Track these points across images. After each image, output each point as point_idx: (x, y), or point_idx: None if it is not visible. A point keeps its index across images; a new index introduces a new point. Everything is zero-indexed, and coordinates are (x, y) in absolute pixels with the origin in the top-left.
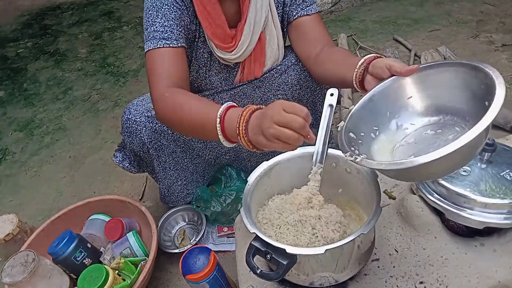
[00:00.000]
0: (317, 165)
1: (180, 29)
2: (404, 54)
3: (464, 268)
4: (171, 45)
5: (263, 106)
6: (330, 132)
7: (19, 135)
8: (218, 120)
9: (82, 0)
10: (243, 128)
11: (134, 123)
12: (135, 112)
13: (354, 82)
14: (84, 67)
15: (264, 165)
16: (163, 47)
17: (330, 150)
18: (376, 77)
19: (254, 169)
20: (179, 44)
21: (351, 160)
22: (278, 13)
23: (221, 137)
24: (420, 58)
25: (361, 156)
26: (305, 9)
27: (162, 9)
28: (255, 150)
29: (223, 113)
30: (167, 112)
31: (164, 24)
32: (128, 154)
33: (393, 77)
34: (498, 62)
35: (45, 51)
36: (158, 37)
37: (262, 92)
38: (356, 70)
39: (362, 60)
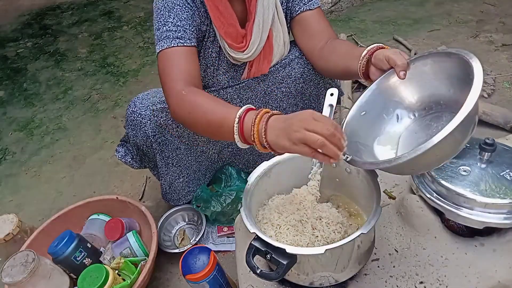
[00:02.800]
0: (317, 165)
1: (192, 29)
2: None
3: (464, 268)
4: (185, 44)
5: (281, 112)
6: None
7: (19, 135)
8: (237, 120)
9: (82, 0)
10: (263, 129)
11: (139, 116)
12: (140, 105)
13: (359, 74)
14: (84, 67)
15: (264, 165)
16: (177, 46)
17: None
18: (378, 68)
19: (254, 164)
20: (192, 44)
21: (344, 159)
22: (282, 9)
23: (236, 137)
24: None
25: (351, 156)
26: (307, 4)
27: (174, 9)
28: (269, 152)
29: (242, 115)
30: (185, 111)
31: (177, 23)
32: (130, 148)
33: (384, 75)
34: (498, 62)
35: (45, 51)
36: (171, 37)
37: (266, 86)
38: (359, 62)
39: (365, 51)
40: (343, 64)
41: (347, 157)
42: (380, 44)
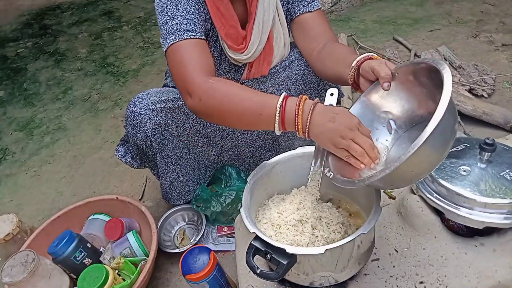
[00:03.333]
0: (317, 165)
1: (200, 23)
2: (404, 54)
3: (464, 268)
4: (197, 37)
5: (319, 100)
6: None
7: (19, 135)
8: (278, 110)
9: (82, 0)
10: (308, 121)
11: (139, 115)
12: (140, 105)
13: (350, 83)
14: (84, 67)
15: (264, 165)
16: (190, 38)
17: None
18: (366, 79)
19: (254, 165)
20: (203, 36)
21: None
22: (283, 10)
23: (277, 126)
24: (420, 58)
25: (332, 173)
26: (307, 6)
27: (182, 3)
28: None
29: (283, 103)
30: (216, 100)
31: (186, 17)
32: (130, 148)
33: (372, 86)
34: (498, 62)
35: (45, 51)
36: (183, 30)
37: (266, 87)
38: (349, 72)
39: (355, 62)
40: (337, 70)
41: (330, 174)
42: (370, 54)
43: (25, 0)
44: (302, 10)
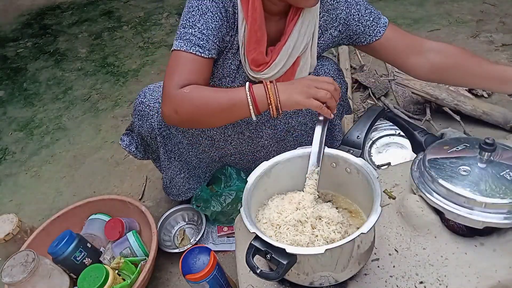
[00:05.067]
0: (315, 164)
1: (215, 40)
2: None
3: (464, 268)
4: (202, 55)
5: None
6: (331, 133)
7: (19, 135)
8: (248, 93)
9: (82, 0)
10: (276, 90)
11: (147, 107)
12: (150, 97)
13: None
14: (84, 67)
15: (264, 165)
16: (194, 53)
17: (331, 150)
18: None
19: (255, 166)
20: (210, 56)
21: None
22: (324, 41)
23: (251, 108)
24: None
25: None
26: (373, 36)
27: (206, 16)
28: (277, 116)
29: (250, 88)
30: (191, 107)
31: (202, 31)
32: (135, 138)
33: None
34: (498, 62)
35: (45, 51)
36: (193, 41)
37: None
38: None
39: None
40: (481, 86)
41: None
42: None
43: (25, 0)
44: (369, 40)
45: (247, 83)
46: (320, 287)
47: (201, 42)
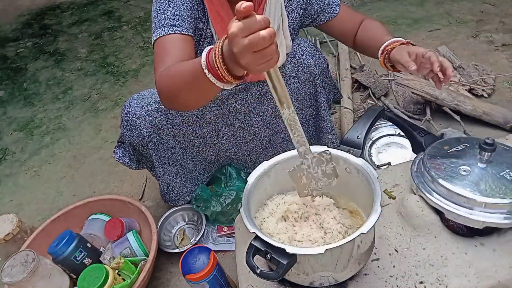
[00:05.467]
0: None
1: (190, 20)
2: None
3: (464, 268)
4: (182, 32)
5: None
6: (332, 134)
7: (19, 135)
8: (204, 61)
9: (82, 0)
10: (220, 57)
11: (134, 116)
12: (136, 105)
13: (386, 69)
14: (84, 67)
15: (264, 165)
16: (174, 33)
17: (331, 150)
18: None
19: (253, 165)
20: (190, 33)
21: None
22: (299, 18)
23: (211, 77)
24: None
25: None
26: (330, 13)
27: (175, 0)
28: (237, 82)
29: (206, 55)
30: (166, 85)
31: (175, 13)
32: (127, 149)
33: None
34: (498, 62)
35: (45, 51)
36: (169, 24)
37: (260, 87)
38: (380, 59)
39: (381, 51)
40: (371, 54)
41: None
42: (395, 40)
43: (25, 0)
44: (327, 17)
45: (207, 48)
46: (320, 287)
47: (177, 22)
